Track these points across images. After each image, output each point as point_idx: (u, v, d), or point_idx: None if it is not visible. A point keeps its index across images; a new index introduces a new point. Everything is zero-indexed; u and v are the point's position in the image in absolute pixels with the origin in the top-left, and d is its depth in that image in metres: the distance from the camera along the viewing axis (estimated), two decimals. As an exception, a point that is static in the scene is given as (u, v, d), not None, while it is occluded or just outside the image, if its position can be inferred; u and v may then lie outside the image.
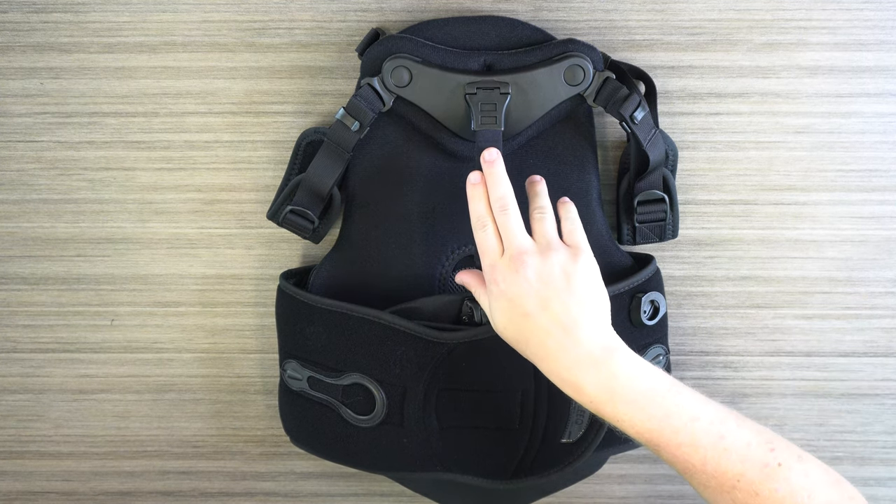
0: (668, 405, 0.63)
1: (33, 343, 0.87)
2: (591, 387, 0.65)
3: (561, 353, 0.66)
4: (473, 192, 0.71)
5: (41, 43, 0.82)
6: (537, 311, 0.66)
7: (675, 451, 0.63)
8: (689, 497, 0.89)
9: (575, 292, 0.67)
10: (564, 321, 0.66)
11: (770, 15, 0.81)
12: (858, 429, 0.87)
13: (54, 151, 0.84)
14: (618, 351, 0.66)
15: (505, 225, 0.69)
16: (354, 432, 0.78)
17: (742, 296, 0.86)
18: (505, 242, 0.69)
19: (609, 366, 0.65)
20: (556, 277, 0.67)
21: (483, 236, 0.70)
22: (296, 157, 0.81)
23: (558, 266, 0.67)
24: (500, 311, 0.68)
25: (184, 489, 0.90)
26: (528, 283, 0.66)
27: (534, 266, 0.67)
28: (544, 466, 0.77)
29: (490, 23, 0.78)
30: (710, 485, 0.62)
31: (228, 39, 0.82)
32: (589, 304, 0.67)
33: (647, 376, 0.65)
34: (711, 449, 0.62)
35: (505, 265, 0.68)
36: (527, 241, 0.69)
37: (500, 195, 0.70)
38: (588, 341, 0.65)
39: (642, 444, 0.65)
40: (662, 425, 0.63)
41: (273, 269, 0.85)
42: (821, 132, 0.83)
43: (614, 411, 0.64)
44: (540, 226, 0.70)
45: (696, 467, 0.62)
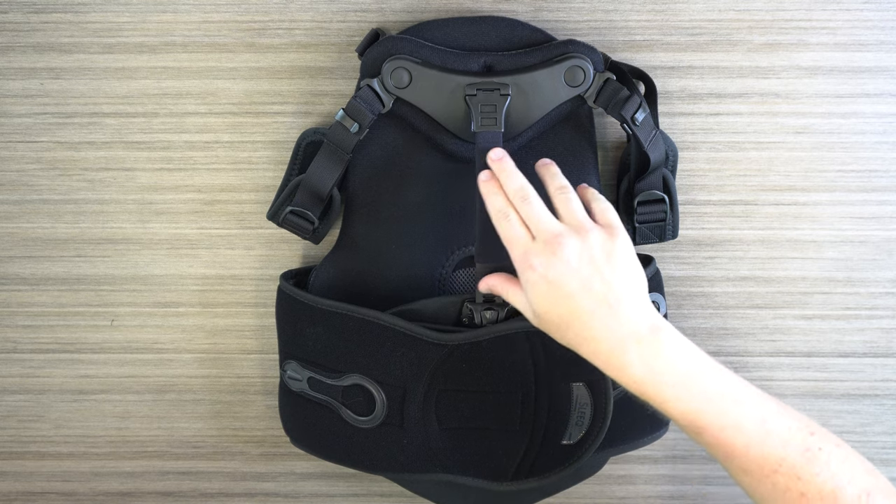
0: (714, 387, 0.63)
1: (33, 343, 0.87)
2: (636, 366, 0.64)
3: (606, 332, 0.65)
4: (488, 187, 0.70)
5: (41, 43, 0.82)
6: (580, 292, 0.65)
7: (719, 433, 0.62)
8: (689, 497, 0.89)
9: (616, 270, 0.66)
10: (609, 300, 0.65)
11: (770, 15, 0.81)
12: (858, 429, 0.87)
13: (54, 152, 0.84)
14: (664, 330, 0.65)
15: (530, 212, 0.68)
16: (354, 433, 0.78)
17: (742, 296, 0.86)
18: (534, 229, 0.67)
19: (655, 345, 0.64)
20: (597, 256, 0.66)
21: (508, 226, 0.68)
22: (296, 158, 0.81)
23: (597, 245, 0.66)
24: (540, 296, 0.66)
25: (184, 489, 0.90)
26: (567, 263, 0.65)
27: (572, 246, 0.66)
28: (545, 468, 0.77)
29: (490, 23, 0.78)
30: (751, 468, 0.62)
31: (228, 39, 0.82)
32: (631, 281, 0.66)
33: (693, 357, 0.64)
34: (755, 432, 0.62)
35: (540, 249, 0.66)
36: (559, 223, 0.67)
37: (519, 185, 0.69)
38: (633, 319, 0.65)
39: (683, 427, 0.64)
40: (707, 407, 0.63)
41: (273, 270, 0.85)
42: (821, 132, 0.83)
43: (659, 392, 0.63)
44: (567, 206, 0.69)
45: (738, 451, 0.62)
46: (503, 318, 0.76)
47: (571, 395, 0.76)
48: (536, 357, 0.75)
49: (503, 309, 0.76)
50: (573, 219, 0.68)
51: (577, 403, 0.76)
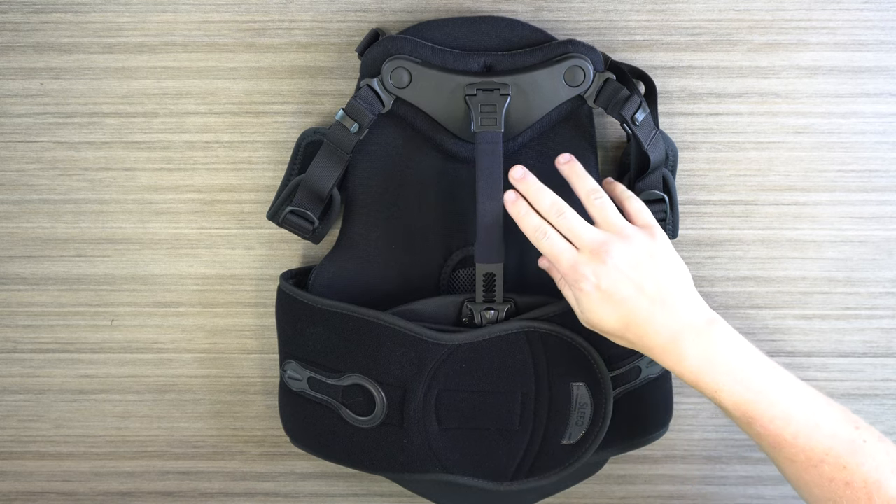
0: (766, 378, 0.66)
1: (33, 343, 0.87)
2: (693, 357, 0.67)
3: (663, 328, 0.68)
4: (518, 207, 0.72)
5: (41, 43, 0.82)
6: (634, 295, 0.68)
7: (769, 424, 0.65)
8: (689, 497, 0.89)
9: (663, 269, 0.69)
10: (662, 298, 0.68)
11: (770, 15, 0.81)
12: (858, 429, 0.87)
13: (54, 151, 0.84)
14: (718, 322, 0.68)
15: (569, 226, 0.70)
16: (354, 433, 0.78)
17: (742, 296, 0.86)
18: (577, 241, 0.69)
19: (710, 336, 0.67)
20: (643, 258, 0.68)
21: (549, 243, 0.70)
22: (296, 158, 0.81)
23: (642, 247, 0.69)
24: (594, 305, 0.69)
25: (184, 489, 0.90)
26: (618, 270, 0.68)
27: (619, 252, 0.68)
28: (545, 468, 0.77)
29: (490, 23, 0.78)
30: (799, 458, 0.65)
31: (228, 39, 0.82)
32: (679, 277, 0.69)
33: (746, 348, 0.68)
34: (804, 423, 0.65)
35: (587, 259, 0.68)
36: (600, 232, 0.69)
37: (552, 201, 0.71)
38: (689, 313, 0.68)
39: (734, 417, 0.67)
40: (759, 397, 0.66)
41: (273, 270, 0.85)
42: (821, 132, 0.83)
43: (714, 381, 0.67)
44: (603, 213, 0.70)
45: (787, 441, 0.65)
46: (503, 318, 0.76)
47: (571, 395, 0.76)
48: (536, 357, 0.75)
49: (503, 309, 0.76)
50: (612, 224, 0.70)
51: (577, 403, 0.76)
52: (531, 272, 0.80)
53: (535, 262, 0.80)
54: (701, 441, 0.88)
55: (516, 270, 0.80)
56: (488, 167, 0.74)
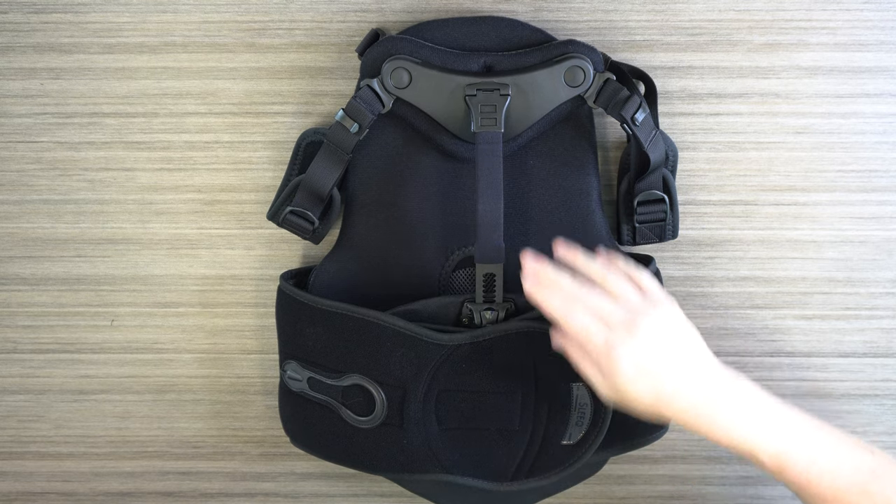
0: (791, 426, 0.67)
1: (33, 343, 0.87)
2: (723, 420, 0.67)
3: (693, 398, 0.68)
4: (540, 294, 0.70)
5: (41, 43, 0.82)
6: (667, 365, 0.67)
7: (799, 469, 0.66)
8: (689, 497, 0.89)
9: (686, 338, 0.69)
10: (689, 366, 0.68)
11: (770, 15, 0.81)
12: (858, 429, 0.87)
13: (54, 152, 0.84)
14: (740, 378, 0.69)
15: (594, 305, 0.68)
16: (354, 433, 0.78)
17: (742, 296, 0.86)
18: (607, 318, 0.68)
19: (738, 396, 0.68)
20: (669, 330, 0.68)
21: (579, 322, 0.68)
22: (296, 158, 0.81)
23: (665, 319, 0.69)
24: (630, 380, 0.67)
25: (184, 490, 0.90)
26: (649, 342, 0.67)
27: (648, 326, 0.68)
28: (545, 468, 0.77)
29: (490, 24, 0.78)
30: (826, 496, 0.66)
31: (228, 40, 0.82)
32: (697, 345, 0.69)
33: (769, 401, 0.68)
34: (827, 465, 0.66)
35: (620, 335, 0.67)
36: (625, 308, 0.68)
37: (570, 287, 0.69)
38: (712, 378, 0.68)
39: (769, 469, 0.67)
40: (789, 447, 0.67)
41: (273, 270, 0.85)
42: (821, 132, 0.83)
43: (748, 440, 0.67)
44: (622, 291, 0.70)
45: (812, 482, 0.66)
46: (503, 318, 0.76)
47: (571, 395, 0.76)
48: (536, 357, 0.75)
49: (503, 309, 0.76)
50: (632, 303, 0.69)
51: (577, 403, 0.76)
52: (531, 272, 0.80)
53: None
54: (701, 441, 0.88)
55: (516, 271, 0.80)
56: (488, 167, 0.74)
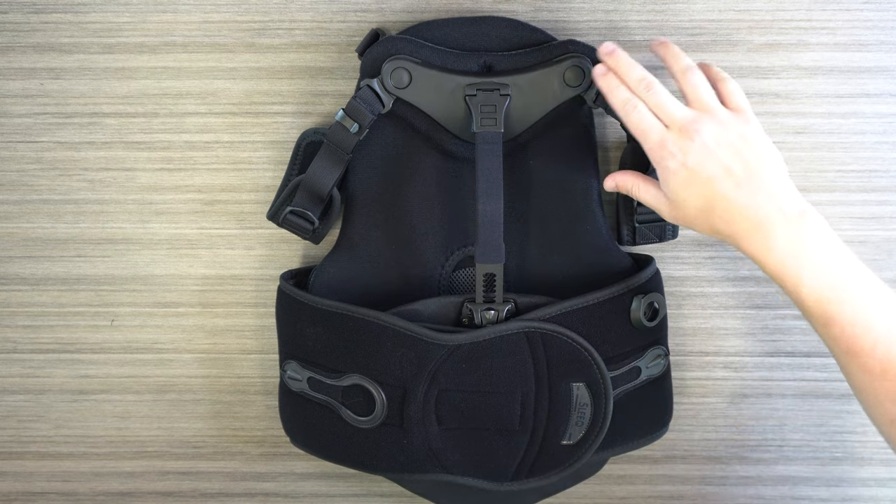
0: (853, 280, 0.64)
1: (33, 343, 0.87)
2: (780, 246, 0.65)
3: (750, 211, 0.66)
4: (607, 80, 0.70)
5: (41, 43, 0.82)
6: (722, 175, 0.66)
7: (848, 328, 0.63)
8: (689, 497, 0.89)
9: (754, 152, 0.67)
10: (751, 180, 0.66)
11: (770, 15, 0.81)
12: (859, 429, 0.87)
13: (54, 152, 0.84)
14: (811, 214, 0.66)
15: (658, 101, 0.68)
16: (354, 433, 0.78)
17: (742, 296, 0.86)
18: (665, 117, 0.68)
19: (800, 227, 0.65)
20: (734, 139, 0.67)
21: (638, 117, 0.69)
22: (296, 158, 0.81)
23: (732, 128, 0.67)
24: (680, 183, 0.67)
25: (184, 490, 0.90)
26: (706, 148, 0.66)
27: (709, 131, 0.66)
28: (545, 468, 0.77)
29: (490, 24, 0.78)
30: (874, 370, 0.63)
31: (228, 39, 0.82)
32: (769, 163, 0.67)
33: (837, 248, 0.65)
34: (885, 334, 0.63)
35: (676, 137, 0.67)
36: (689, 110, 0.68)
37: (641, 76, 0.69)
38: (778, 200, 0.66)
39: (812, 316, 0.65)
40: (843, 297, 0.63)
41: (273, 270, 0.85)
42: (821, 132, 0.83)
43: (798, 275, 0.64)
44: (695, 90, 0.69)
45: (864, 349, 0.63)
46: (503, 318, 0.76)
47: (571, 395, 0.76)
48: (536, 357, 0.75)
49: (503, 309, 0.76)
50: (703, 102, 0.68)
51: (577, 403, 0.76)
52: (531, 272, 0.80)
53: (535, 263, 0.80)
54: (701, 441, 0.88)
55: (516, 270, 0.80)
56: (488, 167, 0.74)
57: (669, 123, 0.68)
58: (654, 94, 0.69)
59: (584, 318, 0.76)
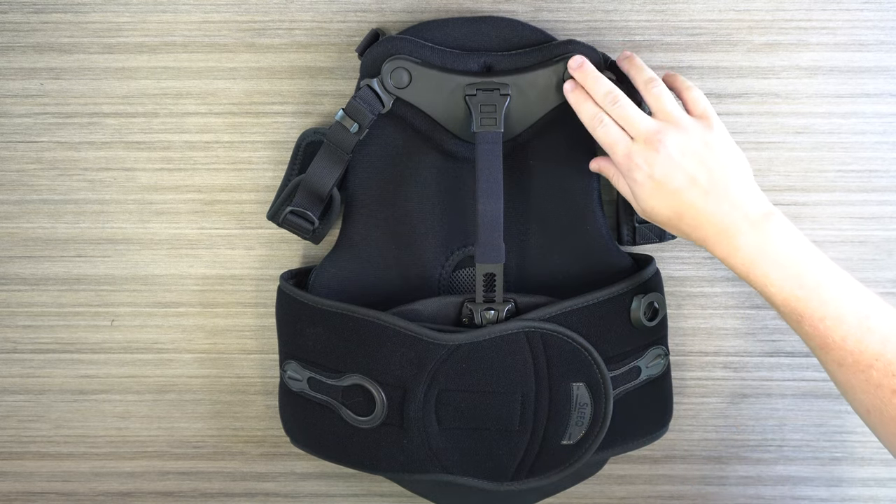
0: (820, 276, 0.65)
1: (33, 343, 0.87)
2: (745, 248, 0.67)
3: (716, 218, 0.68)
4: (576, 96, 0.72)
5: (41, 43, 0.82)
6: (687, 185, 0.68)
7: (818, 323, 0.64)
8: (689, 497, 0.89)
9: (719, 159, 0.68)
10: (717, 189, 0.67)
11: (770, 15, 0.81)
12: (858, 429, 0.87)
13: (54, 152, 0.84)
14: (774, 215, 0.68)
15: (624, 114, 0.70)
16: (354, 433, 0.78)
17: (742, 296, 0.86)
18: (632, 130, 0.70)
19: (766, 228, 0.67)
20: (698, 148, 0.68)
21: (604, 131, 0.71)
22: (296, 158, 0.81)
23: (696, 136, 0.68)
24: (647, 194, 0.69)
25: (184, 490, 0.90)
26: (671, 159, 0.68)
27: (673, 142, 0.68)
28: (545, 468, 0.77)
29: (490, 23, 0.78)
30: (847, 362, 0.64)
31: (228, 39, 0.82)
32: (736, 168, 0.69)
33: (802, 247, 0.67)
34: (856, 326, 0.63)
35: (641, 149, 0.69)
36: (654, 121, 0.69)
37: (607, 90, 0.71)
38: (743, 204, 0.68)
39: (784, 314, 0.66)
40: (811, 295, 0.65)
41: (273, 270, 0.85)
42: (820, 132, 0.83)
43: (765, 275, 0.66)
44: (658, 101, 0.70)
45: (836, 343, 0.64)
46: (503, 318, 0.76)
47: (571, 395, 0.76)
48: (536, 357, 0.75)
49: (503, 309, 0.76)
50: (666, 112, 0.70)
51: (577, 403, 0.76)
52: (531, 272, 0.80)
53: (535, 262, 0.80)
54: (701, 441, 0.88)
55: (516, 270, 0.80)
56: (488, 167, 0.74)
57: (635, 135, 0.70)
58: (619, 107, 0.70)
59: (584, 318, 0.76)
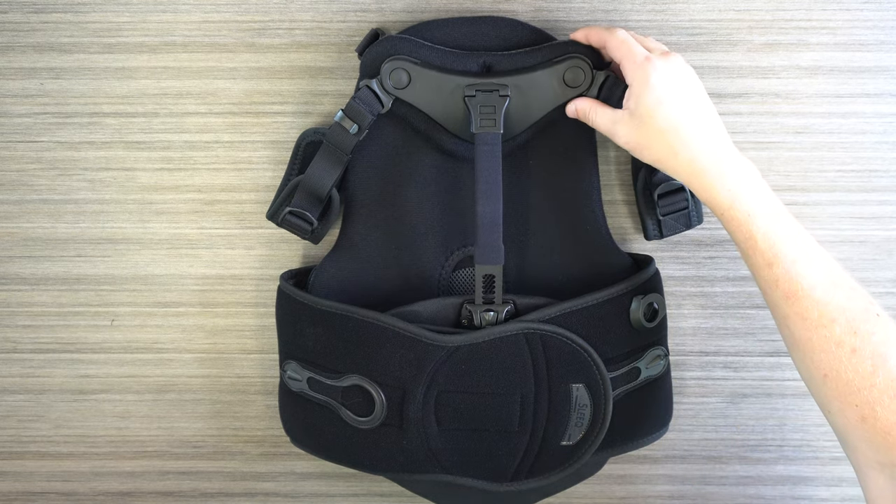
0: (798, 228, 0.67)
1: (33, 343, 0.87)
2: (732, 176, 0.68)
3: (708, 144, 0.69)
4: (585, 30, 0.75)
5: (41, 43, 0.82)
6: (695, 99, 0.70)
7: (790, 266, 0.65)
8: (689, 497, 0.89)
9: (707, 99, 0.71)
10: (713, 119, 0.70)
11: (770, 15, 0.81)
12: (858, 429, 0.87)
13: (54, 151, 0.84)
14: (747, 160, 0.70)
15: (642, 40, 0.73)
16: (354, 433, 0.78)
17: (742, 296, 0.86)
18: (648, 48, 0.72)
19: (748, 168, 0.69)
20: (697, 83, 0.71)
21: (623, 37, 0.72)
22: (295, 158, 0.81)
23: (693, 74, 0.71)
24: (654, 96, 0.69)
25: (184, 489, 0.90)
26: (682, 67, 0.70)
27: (680, 59, 0.71)
28: (544, 468, 0.77)
29: (490, 23, 0.78)
30: (811, 314, 0.64)
31: (228, 39, 0.82)
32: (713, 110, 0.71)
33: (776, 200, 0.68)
34: (825, 276, 0.64)
35: (658, 56, 0.70)
36: None
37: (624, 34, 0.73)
38: (728, 142, 0.70)
39: (760, 252, 0.67)
40: (789, 234, 0.66)
41: (273, 270, 0.85)
42: (821, 132, 0.83)
43: (750, 205, 0.67)
44: (648, 43, 0.73)
45: (804, 290, 0.64)
46: (502, 319, 0.76)
47: (571, 395, 0.76)
48: (536, 358, 0.75)
49: (502, 310, 0.76)
50: (662, 50, 0.72)
51: (576, 404, 0.76)
52: (531, 273, 0.80)
53: (534, 263, 0.80)
54: (701, 441, 0.88)
55: (516, 271, 0.80)
56: (488, 168, 0.74)
57: (651, 51, 0.71)
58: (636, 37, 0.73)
59: (583, 319, 0.76)
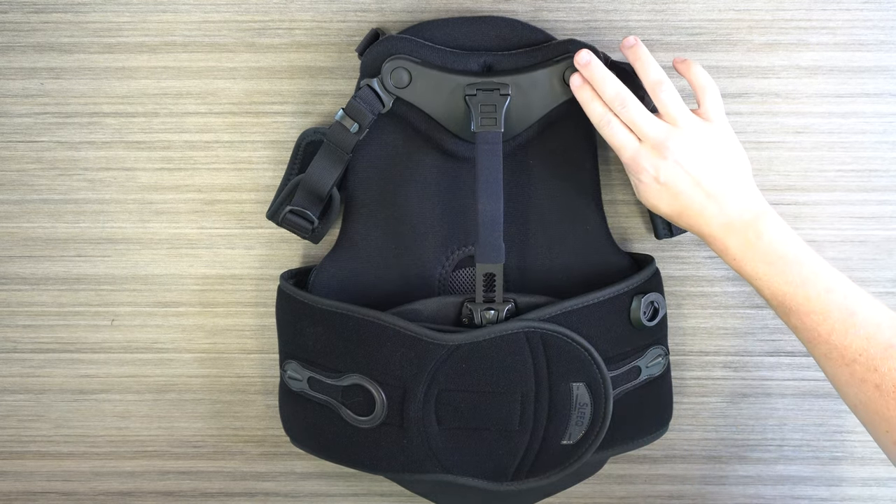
0: (806, 273, 0.69)
1: (33, 343, 0.87)
2: (736, 247, 0.71)
3: (713, 219, 0.72)
4: (583, 93, 0.74)
5: (41, 43, 0.82)
6: (690, 188, 0.71)
7: (805, 318, 0.68)
8: (689, 497, 0.89)
9: (722, 162, 0.72)
10: (717, 191, 0.71)
11: (770, 15, 0.81)
12: (858, 429, 0.87)
13: (54, 151, 0.84)
14: (765, 215, 0.71)
15: (631, 118, 0.72)
16: (354, 433, 0.77)
17: (742, 296, 0.86)
18: (639, 133, 0.72)
19: (757, 228, 0.71)
20: (703, 152, 0.71)
21: (611, 131, 0.73)
22: (295, 158, 0.81)
23: (702, 141, 0.71)
24: (653, 195, 0.73)
25: (184, 489, 0.90)
26: (678, 165, 0.71)
27: (680, 147, 0.71)
28: (544, 468, 0.77)
29: (490, 23, 0.78)
30: (832, 356, 0.67)
31: (228, 39, 0.82)
32: (736, 171, 0.72)
33: (790, 243, 0.70)
34: (840, 322, 0.67)
35: (649, 153, 0.72)
36: (661, 125, 0.72)
37: (615, 92, 0.73)
38: (737, 208, 0.71)
39: (774, 307, 0.70)
40: (797, 290, 0.68)
41: (273, 270, 0.85)
42: (820, 132, 0.83)
43: (754, 270, 0.70)
44: (666, 106, 0.72)
45: (822, 337, 0.67)
46: (503, 318, 0.76)
47: (571, 395, 0.76)
48: (536, 357, 0.75)
49: (503, 309, 0.76)
50: (673, 117, 0.72)
51: (577, 403, 0.76)
52: (531, 272, 0.80)
53: (535, 262, 0.80)
54: (701, 441, 0.88)
55: (516, 270, 0.80)
56: (488, 167, 0.74)
57: (643, 139, 0.72)
58: (627, 111, 0.72)
59: (583, 318, 0.76)
